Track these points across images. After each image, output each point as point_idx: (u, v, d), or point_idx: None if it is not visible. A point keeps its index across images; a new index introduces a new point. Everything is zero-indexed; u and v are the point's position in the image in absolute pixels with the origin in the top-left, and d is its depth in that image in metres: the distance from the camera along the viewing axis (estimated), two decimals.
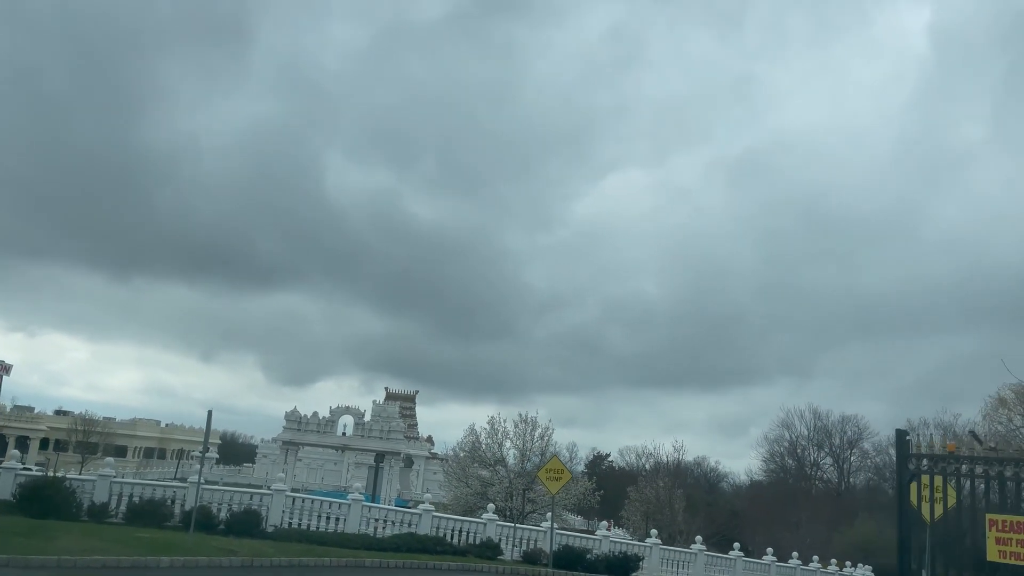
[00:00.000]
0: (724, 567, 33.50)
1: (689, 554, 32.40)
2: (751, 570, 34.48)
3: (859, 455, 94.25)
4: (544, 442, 53.29)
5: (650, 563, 30.64)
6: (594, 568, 28.67)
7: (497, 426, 52.94)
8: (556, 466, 28.31)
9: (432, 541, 26.10)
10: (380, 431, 70.69)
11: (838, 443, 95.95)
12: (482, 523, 28.07)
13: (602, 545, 30.02)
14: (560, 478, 28.08)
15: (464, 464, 52.01)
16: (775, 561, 35.35)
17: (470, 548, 27.04)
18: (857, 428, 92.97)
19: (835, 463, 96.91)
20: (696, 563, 32.28)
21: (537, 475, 29.73)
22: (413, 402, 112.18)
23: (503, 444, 53.02)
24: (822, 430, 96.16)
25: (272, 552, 20.57)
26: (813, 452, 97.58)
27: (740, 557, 33.85)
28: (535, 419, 52.87)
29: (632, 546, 31.13)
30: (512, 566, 26.07)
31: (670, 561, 31.89)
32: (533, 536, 29.01)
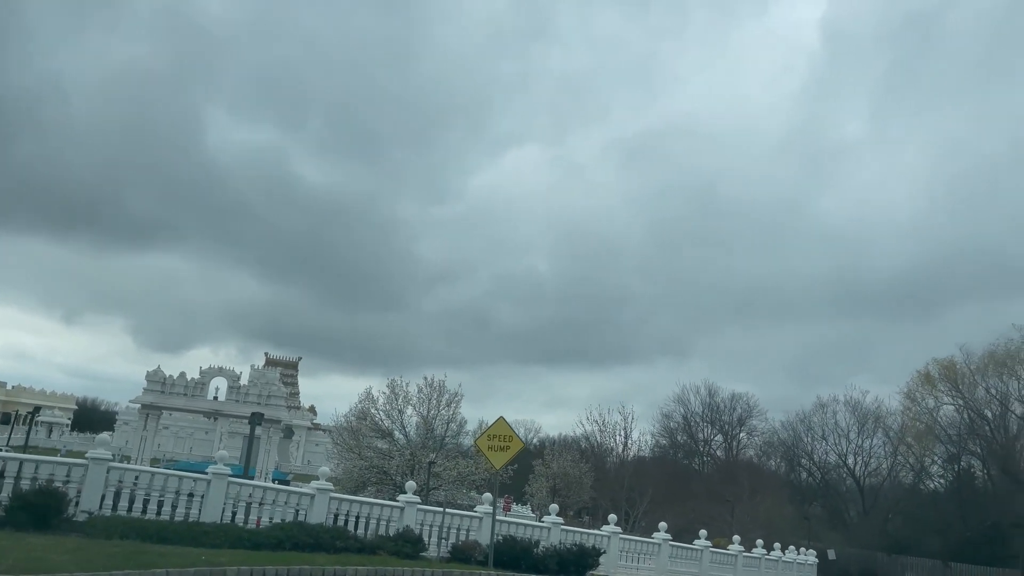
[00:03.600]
0: (689, 558, 26.47)
1: (652, 544, 25.13)
2: (718, 562, 27.60)
3: (747, 432, 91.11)
4: (452, 410, 45.25)
5: (609, 556, 23.13)
6: (543, 565, 20.92)
7: (398, 390, 44.51)
8: (502, 431, 20.25)
9: (329, 534, 17.63)
10: (258, 396, 60.71)
11: (727, 420, 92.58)
12: (398, 507, 19.76)
13: (552, 535, 22.24)
14: (508, 447, 20.08)
15: (358, 433, 43.26)
16: (742, 551, 28.65)
17: (382, 542, 18.70)
18: (747, 406, 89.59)
19: (725, 440, 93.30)
20: (660, 555, 25.09)
21: (476, 443, 21.52)
22: (295, 369, 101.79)
23: (404, 411, 44.66)
24: (713, 407, 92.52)
25: (59, 560, 11.64)
26: (705, 429, 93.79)
27: (707, 547, 26.93)
28: (443, 383, 44.71)
29: (587, 535, 23.46)
30: (441, 567, 17.98)
31: (631, 553, 24.52)
32: (465, 524, 20.89)
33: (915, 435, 63.12)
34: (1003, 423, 56.68)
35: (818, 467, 74.78)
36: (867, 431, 69.35)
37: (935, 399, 59.68)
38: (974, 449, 59.32)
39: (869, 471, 70.79)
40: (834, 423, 72.10)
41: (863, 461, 70.69)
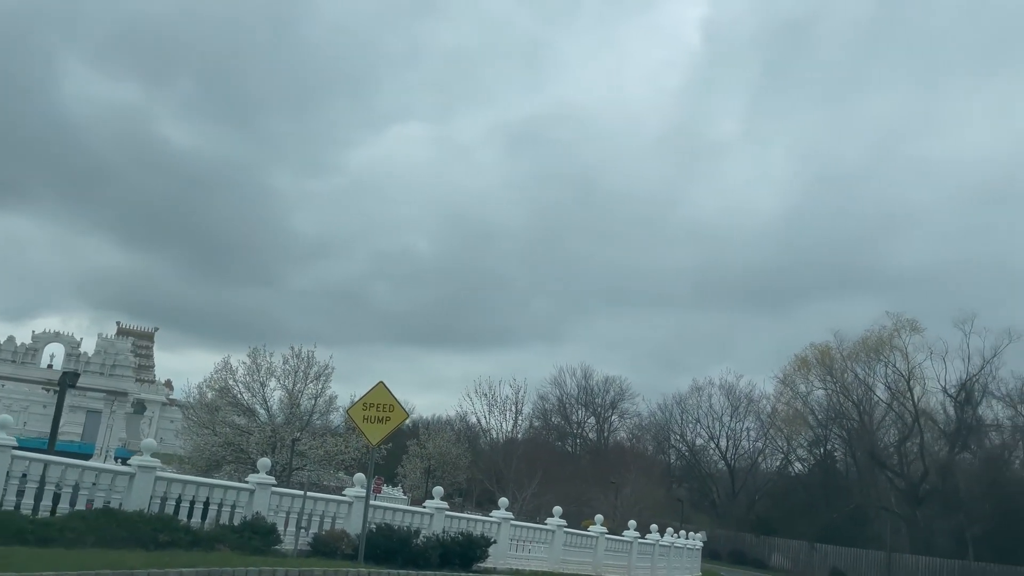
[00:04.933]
0: (583, 546, 23.58)
1: (546, 532, 22.02)
2: (612, 550, 24.87)
3: (619, 415, 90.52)
4: (321, 384, 40.68)
5: (499, 545, 19.85)
6: (424, 558, 17.44)
7: (260, 360, 39.57)
8: (382, 399, 16.49)
9: (152, 524, 13.46)
10: (101, 366, 53.98)
11: (600, 403, 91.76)
12: (247, 489, 15.69)
13: (435, 522, 18.71)
14: (388, 418, 16.36)
15: (213, 406, 38.13)
16: (637, 538, 26.06)
17: (224, 533, 14.67)
18: (620, 389, 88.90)
19: (598, 423, 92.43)
20: (554, 543, 22.02)
21: (348, 413, 17.62)
22: (151, 341, 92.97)
23: (267, 384, 39.79)
24: (588, 390, 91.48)
25: None
26: (579, 411, 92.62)
27: (603, 535, 24.10)
28: (311, 355, 40.07)
29: (474, 522, 20.06)
30: (298, 564, 14.17)
31: (521, 542, 21.33)
32: (332, 511, 17.03)
33: (785, 419, 63.59)
34: (869, 408, 57.60)
35: (690, 449, 74.66)
36: (740, 414, 69.66)
37: (808, 384, 60.19)
38: (841, 433, 60.17)
39: (740, 454, 71.17)
40: (708, 406, 72.09)
41: (734, 444, 71.02)
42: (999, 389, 51.35)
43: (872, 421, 57.99)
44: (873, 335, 55.79)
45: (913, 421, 54.87)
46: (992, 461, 50.74)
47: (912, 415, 54.92)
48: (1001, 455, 51.56)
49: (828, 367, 57.69)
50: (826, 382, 58.77)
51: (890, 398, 56.70)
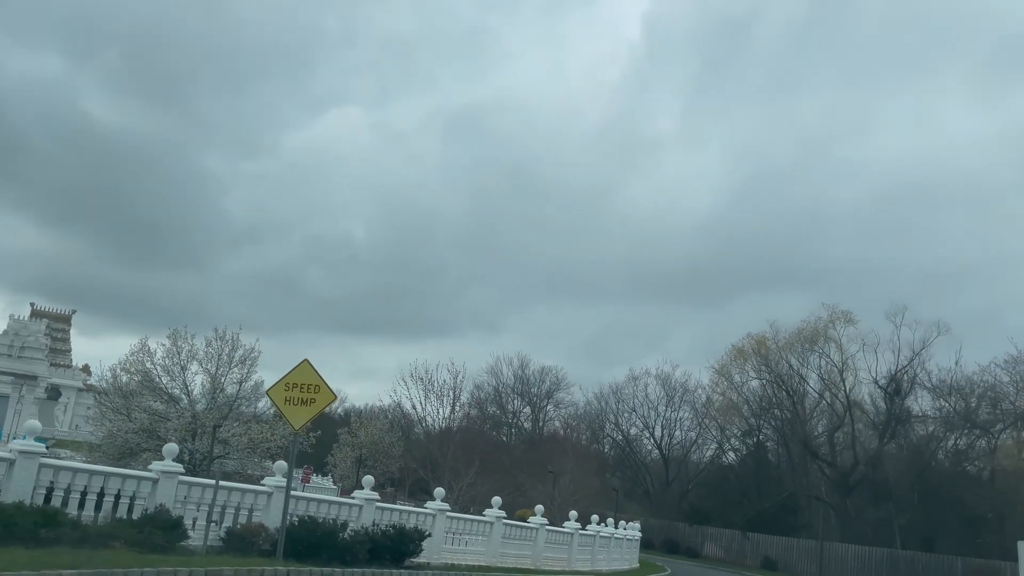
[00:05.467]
0: (523, 538, 22.29)
1: (484, 524, 20.64)
2: (552, 542, 23.65)
3: (555, 404, 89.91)
4: (247, 369, 38.38)
5: (434, 539, 18.40)
6: (352, 554, 15.92)
7: (181, 342, 37.12)
8: (307, 379, 14.83)
9: (33, 518, 11.59)
10: (11, 348, 50.39)
11: (536, 392, 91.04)
12: (149, 478, 13.86)
13: (364, 514, 17.14)
14: (314, 400, 14.71)
15: (128, 390, 35.55)
16: (578, 529, 24.89)
17: (120, 528, 12.87)
18: (556, 379, 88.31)
19: (533, 412, 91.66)
20: (492, 535, 20.66)
21: (268, 394, 15.83)
22: (68, 324, 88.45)
23: (188, 367, 37.34)
24: (524, 379, 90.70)
25: None
26: (515, 400, 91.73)
27: (543, 526, 22.85)
28: (236, 337, 37.75)
29: (408, 514, 18.54)
30: (205, 563, 12.50)
31: (458, 534, 19.92)
32: (249, 502, 15.31)
33: (720, 409, 63.64)
34: (802, 398, 57.95)
35: (625, 438, 74.35)
36: (675, 404, 69.52)
37: (743, 374, 60.29)
38: (774, 423, 60.45)
39: (674, 443, 71.12)
40: (644, 395, 71.81)
41: (669, 433, 70.91)
42: (928, 380, 52.18)
43: (805, 411, 58.37)
44: (809, 326, 56.16)
45: (845, 412, 55.36)
46: (919, 452, 51.48)
47: (844, 406, 55.42)
48: (928, 446, 52.36)
49: (764, 357, 57.81)
50: (761, 372, 58.93)
51: (823, 389, 57.18)
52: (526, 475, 52.88)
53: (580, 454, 67.40)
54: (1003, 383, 48.68)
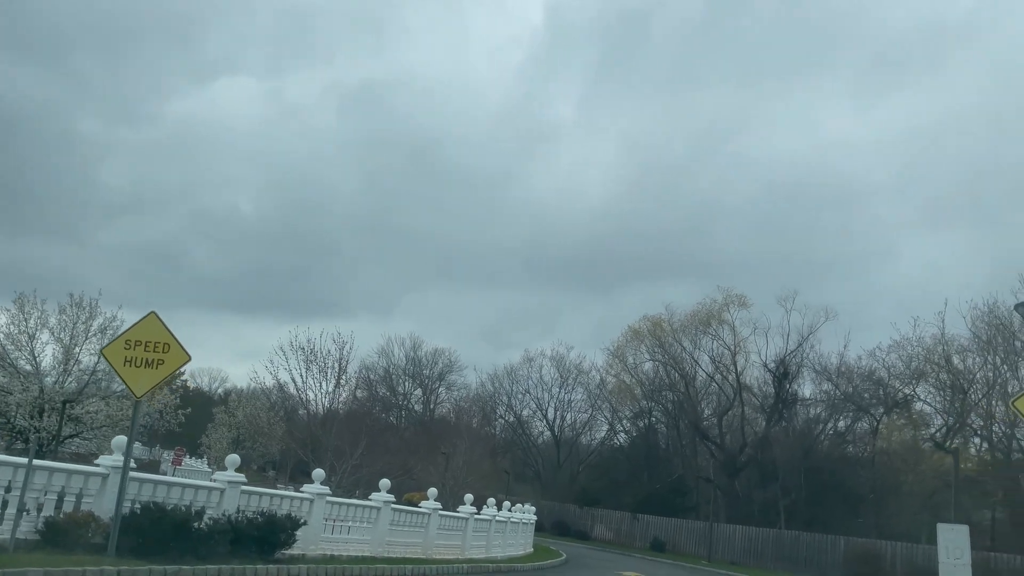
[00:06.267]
0: (413, 524, 20.02)
1: (369, 509, 18.24)
2: (446, 528, 21.48)
3: (446, 387, 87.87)
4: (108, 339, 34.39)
5: (311, 526, 15.93)
6: (207, 545, 13.38)
7: (29, 309, 32.90)
8: (153, 335, 12.06)
9: None
10: None
11: (428, 375, 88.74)
12: None
13: (226, 499, 14.48)
14: (162, 362, 12.00)
15: None
16: (473, 513, 22.82)
17: None
18: (449, 361, 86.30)
19: (425, 394, 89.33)
20: (379, 522, 18.31)
21: (102, 353, 12.87)
22: None
23: (37, 337, 33.12)
24: (416, 361, 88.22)
25: None
26: (406, 382, 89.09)
27: (436, 511, 20.65)
28: (94, 304, 33.79)
29: (281, 499, 15.95)
30: (10, 564, 9.74)
31: (340, 522, 17.48)
32: (76, 486, 12.41)
33: (614, 390, 63.13)
34: (695, 380, 58.01)
35: (517, 420, 73.08)
36: (568, 386, 68.65)
37: (638, 355, 59.85)
38: (666, 405, 60.35)
39: (567, 425, 70.33)
40: (539, 377, 70.64)
41: (561, 415, 70.06)
42: (817, 364, 52.99)
43: (697, 393, 58.46)
44: (704, 308, 56.10)
45: (735, 394, 55.67)
46: (805, 435, 52.25)
47: (734, 388, 55.72)
48: (813, 429, 53.25)
49: (659, 339, 57.45)
50: (655, 354, 58.64)
51: (715, 371, 57.33)
52: (417, 458, 50.67)
53: (472, 436, 65.69)
54: (885, 368, 49.91)
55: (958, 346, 46.41)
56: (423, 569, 17.98)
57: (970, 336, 45.77)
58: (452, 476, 40.66)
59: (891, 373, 50.04)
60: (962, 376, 46.27)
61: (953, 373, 46.29)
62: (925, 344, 47.36)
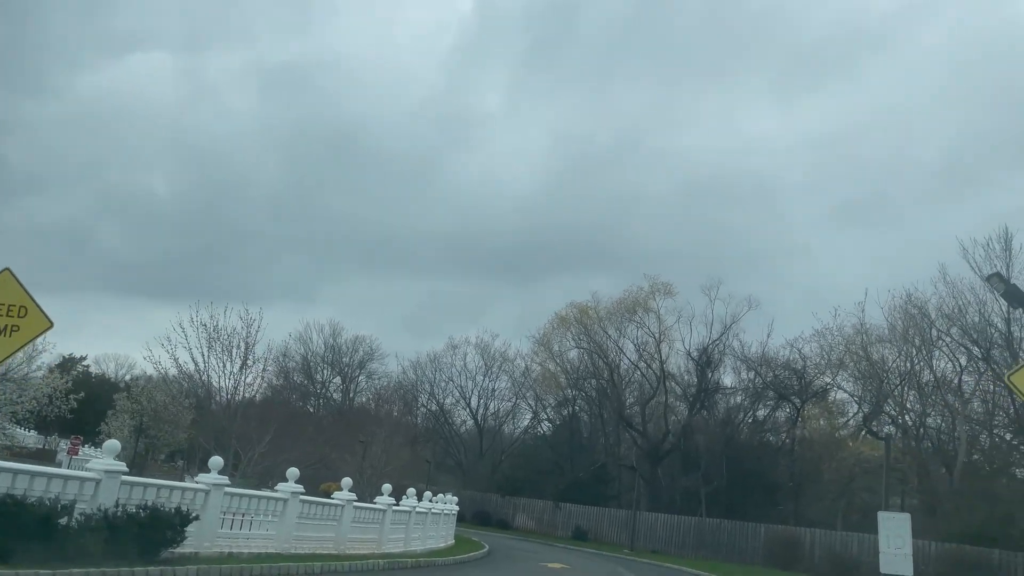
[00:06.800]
0: (325, 517, 18.29)
1: (275, 501, 16.45)
2: (361, 520, 19.81)
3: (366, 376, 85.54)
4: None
5: (205, 521, 14.08)
6: (76, 545, 11.50)
7: None
8: (7, 296, 10.04)
9: None
10: None
11: (348, 362, 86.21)
12: None
13: (102, 492, 12.52)
14: (17, 328, 10.02)
15: None
16: (392, 505, 21.21)
17: None
18: (370, 349, 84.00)
19: (344, 382, 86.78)
20: (286, 515, 16.54)
21: None
22: None
23: None
24: (336, 349, 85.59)
25: None
26: (325, 370, 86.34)
27: (350, 502, 18.97)
28: None
29: (170, 490, 14.01)
30: None
31: (241, 515, 15.64)
32: None
33: (538, 378, 62.21)
34: (619, 368, 57.52)
35: (440, 408, 71.48)
36: (493, 374, 67.42)
37: (563, 343, 59.02)
38: (591, 393, 59.76)
39: (490, 414, 69.12)
40: (463, 364, 69.18)
41: (485, 403, 68.80)
42: (740, 353, 53.10)
43: (622, 381, 58.00)
44: (630, 296, 55.61)
45: (659, 382, 55.40)
46: (726, 423, 52.33)
47: (658, 376, 55.44)
48: (735, 417, 53.40)
49: (585, 326, 56.71)
50: (580, 341, 57.88)
51: (639, 359, 56.94)
52: (334, 447, 48.62)
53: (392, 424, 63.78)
54: (801, 358, 50.35)
55: (876, 336, 47.11)
56: (334, 566, 16.32)
57: (887, 326, 46.53)
58: (370, 466, 38.84)
59: (810, 363, 50.55)
60: (879, 365, 46.95)
61: (871, 362, 46.92)
62: (846, 333, 47.93)
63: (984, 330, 40.78)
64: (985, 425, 43.48)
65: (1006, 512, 38.87)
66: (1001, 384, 42.00)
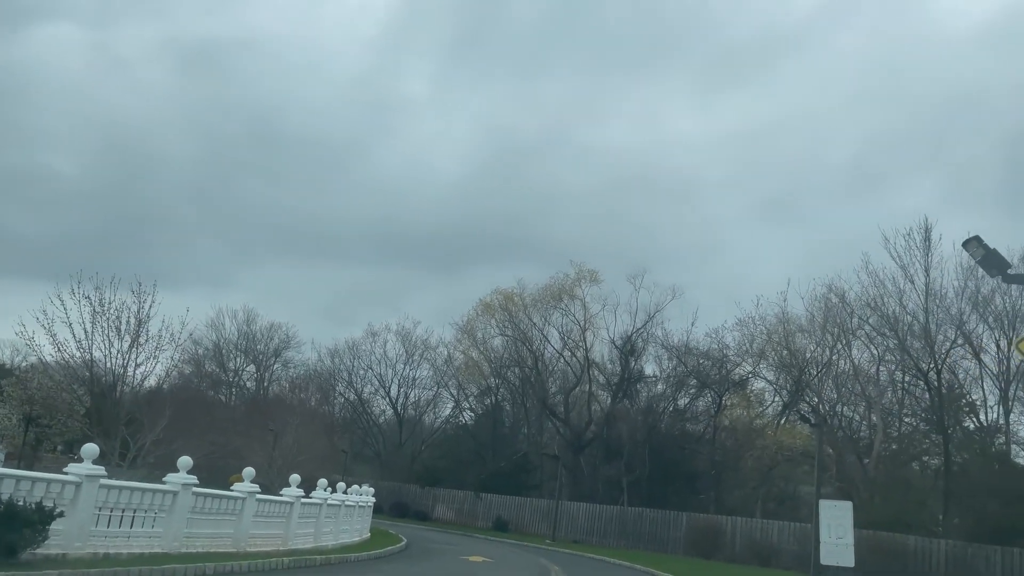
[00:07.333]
0: (222, 511, 16.44)
1: (162, 494, 14.53)
2: (265, 514, 18.00)
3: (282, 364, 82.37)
4: None
5: (75, 518, 12.13)
6: None
7: None
8: None
9: None
10: None
11: (263, 350, 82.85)
12: None
13: None
14: None
15: None
16: (300, 497, 19.44)
17: None
18: (286, 336, 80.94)
19: (258, 371, 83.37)
20: (175, 510, 14.65)
21: None
22: None
23: None
24: (250, 336, 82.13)
25: None
26: (238, 358, 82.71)
27: (252, 495, 17.15)
28: None
29: (32, 483, 12.00)
30: None
31: (120, 511, 13.69)
32: None
33: (461, 367, 60.69)
34: (543, 356, 56.59)
35: (358, 397, 69.21)
36: (414, 362, 65.56)
37: (487, 330, 57.63)
38: (514, 381, 58.66)
39: (411, 403, 67.27)
40: (383, 352, 67.08)
41: (405, 392, 66.91)
42: (664, 341, 52.77)
43: (546, 368, 57.08)
44: (556, 283, 54.68)
45: (583, 370, 54.70)
46: (649, 411, 52.00)
47: (583, 365, 54.74)
48: (657, 406, 53.11)
49: (510, 312, 55.51)
50: (505, 328, 56.63)
51: (563, 347, 56.14)
52: (246, 437, 46.13)
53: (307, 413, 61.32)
54: (720, 348, 50.40)
55: (797, 325, 47.45)
56: (230, 566, 14.54)
57: (807, 316, 46.90)
58: (281, 456, 36.70)
59: (732, 352, 50.65)
60: (799, 355, 47.31)
61: (791, 352, 47.22)
62: (768, 323, 48.13)
63: (901, 320, 41.35)
64: (898, 414, 44.26)
65: (919, 499, 39.61)
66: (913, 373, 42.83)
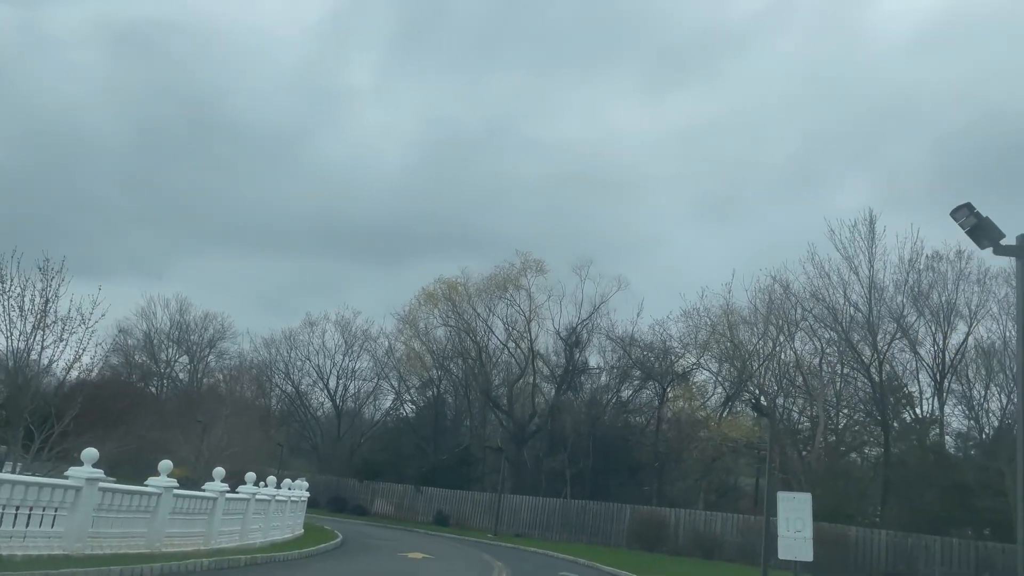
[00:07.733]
0: (136, 508, 14.94)
1: (65, 490, 12.97)
2: (184, 511, 16.50)
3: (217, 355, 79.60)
4: None
5: None
6: None
7: None
8: None
9: None
10: None
11: (197, 341, 79.93)
12: None
13: None
14: None
15: None
16: (224, 492, 17.96)
17: None
18: (221, 327, 78.23)
19: (192, 362, 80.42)
20: (78, 507, 13.10)
21: None
22: None
23: None
24: (183, 326, 79.16)
25: None
26: (170, 349, 79.61)
27: (169, 490, 15.63)
28: None
29: None
30: None
31: (16, 508, 12.09)
32: None
33: (402, 358, 59.13)
34: (487, 347, 55.49)
35: (295, 389, 67.09)
36: (354, 353, 63.74)
37: (430, 321, 56.20)
38: (457, 373, 57.43)
39: (350, 395, 65.46)
40: (321, 343, 65.10)
41: (344, 384, 65.05)
42: (610, 332, 52.17)
43: (490, 360, 55.98)
44: (501, 272, 53.57)
45: (527, 362, 53.81)
46: (593, 403, 51.43)
47: (527, 356, 53.84)
48: (601, 398, 52.55)
49: (453, 302, 54.19)
50: (448, 319, 55.31)
51: (508, 338, 55.14)
52: (174, 430, 43.97)
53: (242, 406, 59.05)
54: (662, 341, 50.10)
55: (740, 317, 47.33)
56: (141, 568, 13.06)
57: (750, 308, 46.82)
58: (208, 449, 34.84)
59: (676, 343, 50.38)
60: (742, 347, 47.22)
61: (735, 343, 47.10)
62: (713, 315, 47.93)
63: (845, 312, 41.48)
64: (838, 406, 44.48)
65: (859, 490, 39.83)
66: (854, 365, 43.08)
